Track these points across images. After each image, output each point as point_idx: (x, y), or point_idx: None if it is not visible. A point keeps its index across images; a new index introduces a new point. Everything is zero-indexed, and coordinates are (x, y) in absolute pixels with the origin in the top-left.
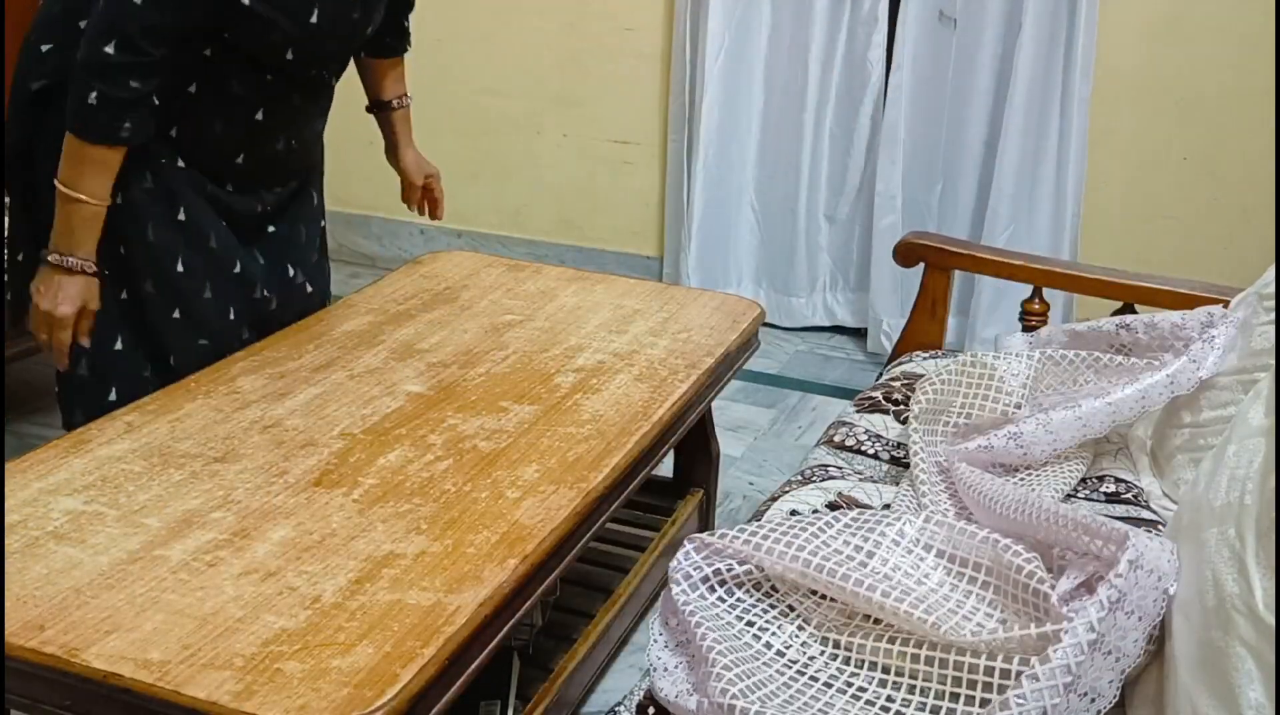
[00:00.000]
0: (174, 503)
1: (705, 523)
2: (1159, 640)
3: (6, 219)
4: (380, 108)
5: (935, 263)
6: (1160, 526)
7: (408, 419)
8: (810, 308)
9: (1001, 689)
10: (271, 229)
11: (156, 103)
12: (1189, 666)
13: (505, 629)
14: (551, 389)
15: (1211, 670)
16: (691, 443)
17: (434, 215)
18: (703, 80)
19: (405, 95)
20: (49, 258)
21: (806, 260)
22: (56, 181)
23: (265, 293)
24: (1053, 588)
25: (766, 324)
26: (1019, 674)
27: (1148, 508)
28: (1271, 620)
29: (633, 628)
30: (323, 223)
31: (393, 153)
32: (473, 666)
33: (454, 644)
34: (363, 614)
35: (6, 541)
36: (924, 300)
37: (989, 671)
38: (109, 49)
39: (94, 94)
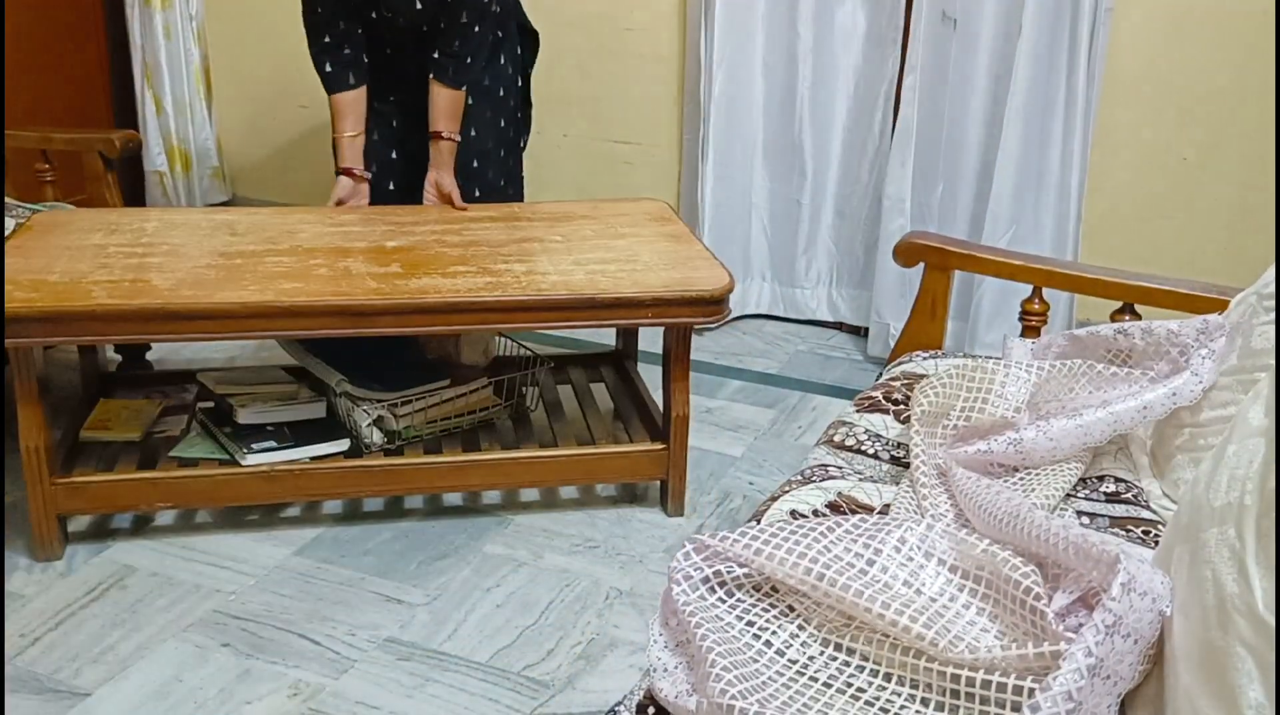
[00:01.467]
0: (159, 238)
1: (665, 475)
2: (1154, 659)
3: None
4: (431, 135)
5: (935, 263)
6: (1160, 526)
7: (351, 252)
8: (815, 301)
9: (1000, 702)
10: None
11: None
12: (1189, 666)
13: (187, 336)
14: (455, 262)
15: (1211, 670)
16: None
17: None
18: (710, 80)
19: (448, 133)
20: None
21: (812, 254)
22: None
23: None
24: (1049, 605)
25: (771, 317)
26: (1017, 689)
27: (1148, 508)
28: (1271, 620)
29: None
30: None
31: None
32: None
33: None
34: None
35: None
36: (924, 300)
37: (986, 685)
38: None
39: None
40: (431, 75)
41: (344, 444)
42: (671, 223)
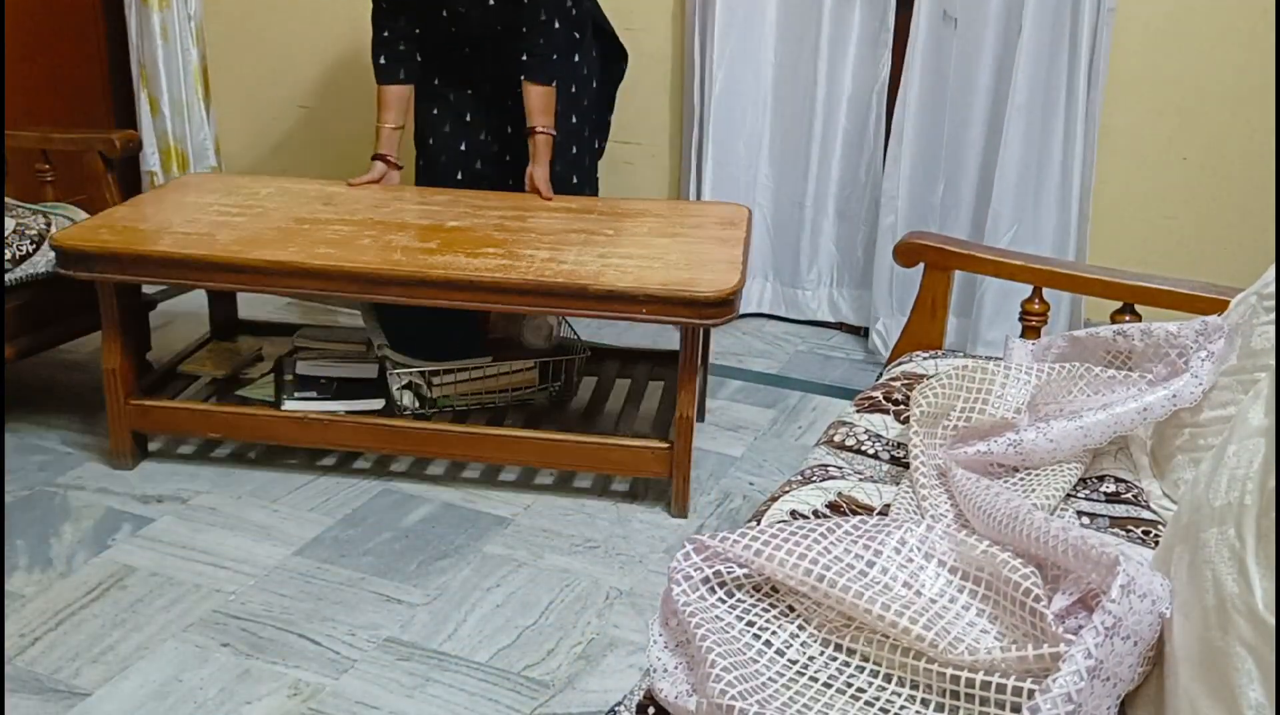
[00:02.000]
0: (262, 203)
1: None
2: (1153, 660)
3: (9, 220)
4: (528, 132)
5: (935, 263)
6: (1160, 526)
7: (408, 228)
8: (816, 301)
9: (1000, 703)
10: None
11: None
12: (1189, 666)
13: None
14: (493, 243)
15: (1211, 670)
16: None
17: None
18: (710, 80)
19: (542, 127)
20: None
21: (814, 255)
22: None
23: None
24: (1049, 606)
25: (772, 317)
26: (1017, 690)
27: (1148, 508)
28: (1271, 620)
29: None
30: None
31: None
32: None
33: (146, 258)
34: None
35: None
36: (924, 300)
37: (986, 686)
38: None
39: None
40: (522, 76)
41: (377, 403)
42: (735, 228)
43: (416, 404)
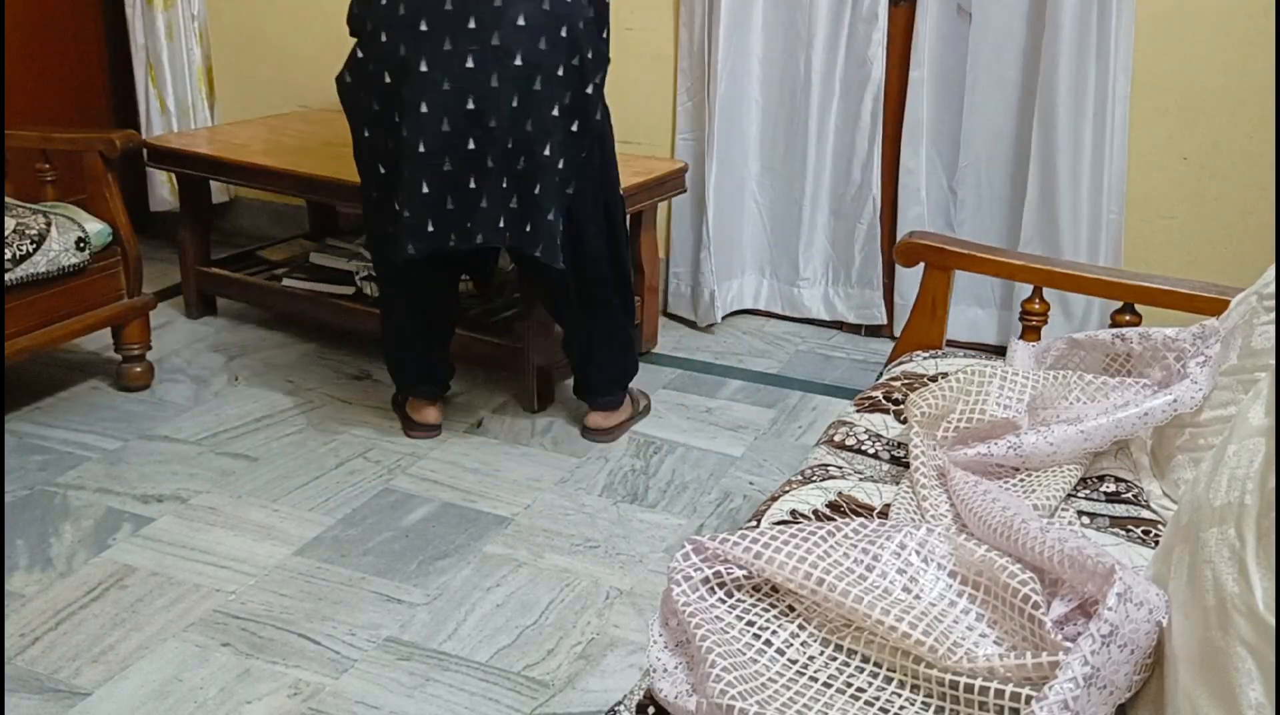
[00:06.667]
0: (316, 129)
1: None
2: (1150, 668)
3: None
4: None
5: (935, 262)
6: (1160, 526)
7: None
8: (812, 300)
9: (998, 709)
10: None
11: None
12: (1189, 666)
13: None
14: None
15: (1211, 670)
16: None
17: None
18: (713, 79)
19: None
20: None
21: (810, 253)
22: None
23: None
24: (1047, 613)
25: (772, 316)
26: (1015, 696)
27: (1148, 507)
28: (1271, 620)
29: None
30: None
31: None
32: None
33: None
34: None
35: None
36: (924, 300)
37: (984, 691)
38: None
39: None
40: None
41: (349, 289)
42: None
43: (377, 294)
